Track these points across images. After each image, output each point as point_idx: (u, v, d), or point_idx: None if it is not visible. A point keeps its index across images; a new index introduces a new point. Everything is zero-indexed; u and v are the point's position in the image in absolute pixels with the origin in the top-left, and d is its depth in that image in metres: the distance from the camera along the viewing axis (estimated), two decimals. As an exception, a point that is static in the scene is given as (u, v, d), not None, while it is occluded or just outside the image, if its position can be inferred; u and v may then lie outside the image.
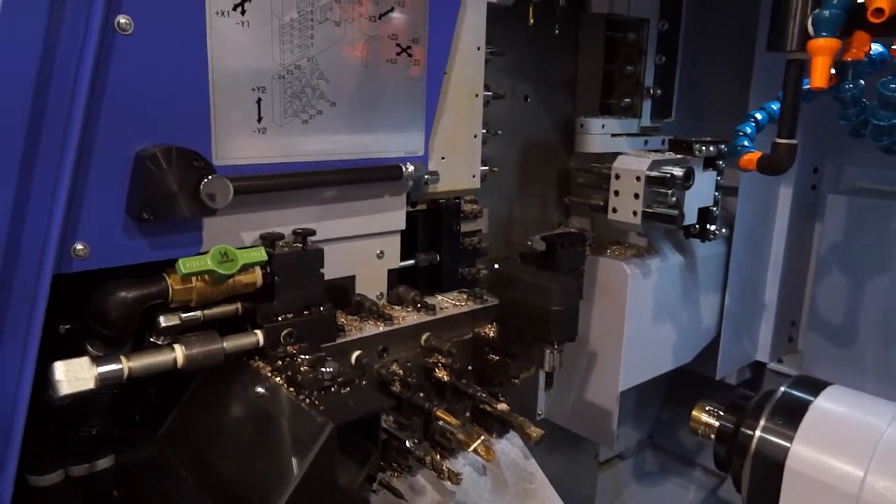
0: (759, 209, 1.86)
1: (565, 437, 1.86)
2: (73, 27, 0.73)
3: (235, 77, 0.85)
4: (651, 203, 1.45)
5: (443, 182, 1.20)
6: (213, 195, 0.80)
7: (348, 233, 1.04)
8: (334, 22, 0.92)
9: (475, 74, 1.25)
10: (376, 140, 1.01)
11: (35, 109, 0.73)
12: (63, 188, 0.74)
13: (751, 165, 1.17)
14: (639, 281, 1.57)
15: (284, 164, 0.92)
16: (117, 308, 0.80)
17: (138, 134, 0.79)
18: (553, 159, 1.70)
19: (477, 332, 1.13)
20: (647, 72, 1.60)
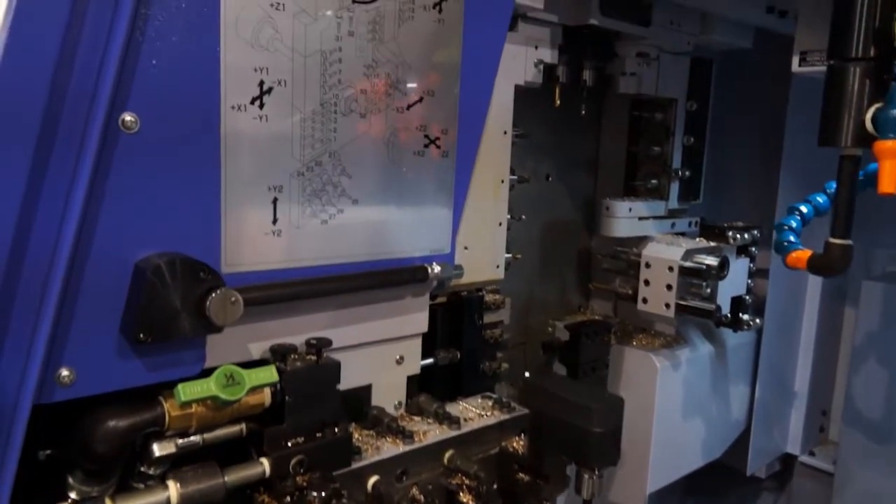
0: (790, 293, 1.77)
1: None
2: (72, 126, 0.65)
3: (251, 176, 0.77)
4: (684, 294, 1.36)
5: (465, 274, 1.11)
6: (221, 312, 0.71)
7: (366, 339, 0.94)
8: (359, 114, 0.85)
9: (501, 159, 1.18)
10: (400, 238, 0.93)
11: (24, 215, 0.64)
12: (50, 304, 0.65)
13: (800, 264, 1.08)
14: (668, 374, 1.47)
15: (301, 269, 0.83)
16: (105, 440, 0.70)
17: (140, 241, 0.70)
18: (574, 240, 1.62)
19: (504, 446, 1.02)
20: (674, 153, 1.53)
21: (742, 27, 1.51)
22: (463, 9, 0.93)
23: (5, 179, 0.62)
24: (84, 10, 0.64)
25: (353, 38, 0.83)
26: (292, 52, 0.78)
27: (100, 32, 0.65)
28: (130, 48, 0.66)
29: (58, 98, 0.64)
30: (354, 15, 0.82)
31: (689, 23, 1.42)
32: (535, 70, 1.22)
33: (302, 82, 0.79)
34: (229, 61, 0.73)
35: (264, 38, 0.75)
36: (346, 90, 0.83)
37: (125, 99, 0.67)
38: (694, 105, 1.54)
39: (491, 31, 0.98)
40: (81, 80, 0.64)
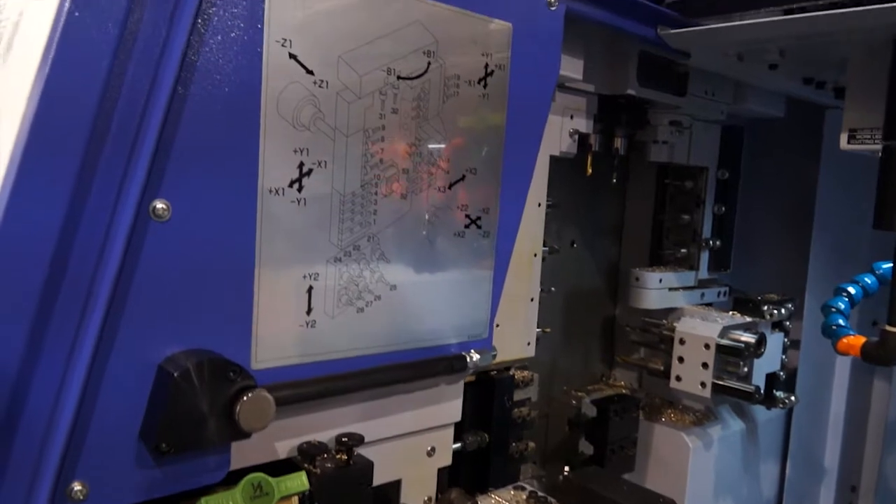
0: (820, 365, 1.71)
1: None
2: (99, 210, 0.59)
3: (286, 264, 0.71)
4: (719, 373, 1.29)
5: (498, 354, 1.05)
6: (251, 418, 0.64)
7: (398, 431, 0.87)
8: (400, 195, 0.79)
9: (535, 232, 1.13)
10: (438, 325, 0.86)
11: (43, 303, 0.58)
12: (67, 410, 0.58)
13: (852, 351, 1.02)
14: (700, 454, 1.40)
15: (335, 362, 0.76)
16: (118, 561, 0.62)
17: (166, 337, 0.64)
18: (598, 308, 1.56)
19: (541, 546, 0.94)
20: (705, 222, 1.48)
21: (775, 96, 1.48)
22: (508, 83, 0.88)
23: (39, 253, 0.56)
24: (120, 84, 0.59)
25: (397, 115, 0.78)
26: (334, 131, 0.73)
27: (134, 112, 0.60)
28: (165, 131, 0.61)
29: (86, 180, 0.58)
30: (399, 91, 0.78)
31: (723, 92, 1.39)
32: (570, 140, 1.18)
33: (343, 163, 0.74)
34: (269, 143, 0.68)
35: (306, 117, 0.71)
36: (387, 170, 0.78)
37: (157, 185, 0.61)
38: (725, 173, 1.50)
39: (535, 104, 0.93)
40: (111, 162, 0.59)
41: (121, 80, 0.59)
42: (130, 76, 0.60)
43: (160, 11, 0.60)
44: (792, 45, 1.08)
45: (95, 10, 0.57)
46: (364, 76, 0.75)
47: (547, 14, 0.92)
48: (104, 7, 0.57)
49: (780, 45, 1.08)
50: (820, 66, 1.22)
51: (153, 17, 0.60)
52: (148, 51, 0.60)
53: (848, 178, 1.61)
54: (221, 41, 0.64)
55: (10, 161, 0.56)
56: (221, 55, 0.64)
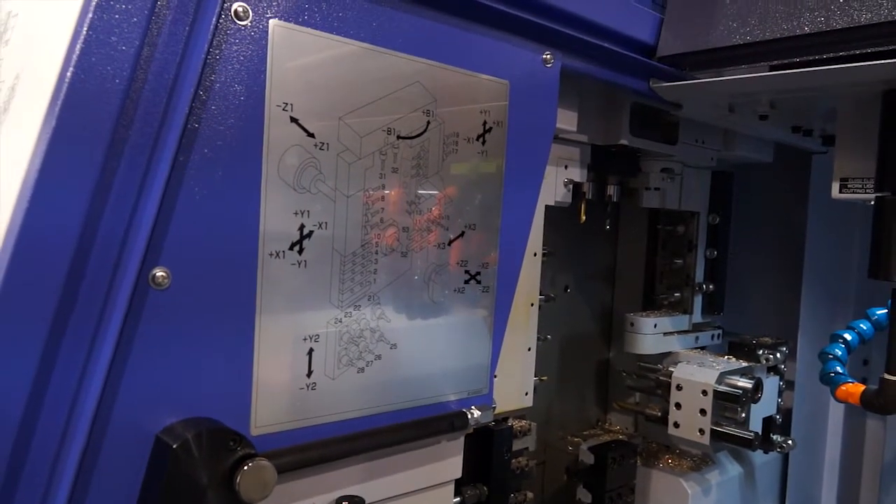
0: (814, 407, 1.71)
1: None
2: (98, 281, 0.58)
3: (286, 327, 0.70)
4: (718, 419, 1.29)
5: (496, 405, 1.04)
6: (251, 488, 0.63)
7: (399, 491, 0.85)
8: (401, 253, 0.79)
9: (532, 282, 1.13)
10: (439, 382, 0.86)
11: (39, 378, 0.57)
12: (64, 484, 0.57)
13: (851, 399, 1.03)
14: (699, 499, 1.38)
15: (336, 424, 0.75)
16: None
17: (164, 408, 0.63)
18: (592, 353, 1.56)
19: None
20: (697, 266, 1.49)
21: (764, 142, 1.51)
22: (506, 139, 0.89)
23: (27, 335, 0.55)
24: (120, 154, 0.59)
25: (397, 174, 0.78)
26: (335, 192, 0.73)
27: (134, 179, 0.59)
28: (166, 198, 0.61)
29: (84, 252, 0.58)
30: (399, 150, 0.78)
31: (712, 139, 1.41)
32: (565, 190, 1.19)
33: (343, 224, 0.74)
34: (270, 206, 0.68)
35: (307, 179, 0.71)
36: (388, 229, 0.78)
37: (157, 253, 0.61)
38: (716, 218, 1.51)
39: (533, 158, 0.94)
40: (110, 230, 0.59)
41: (122, 147, 0.59)
42: (132, 143, 0.59)
43: (162, 80, 0.60)
44: (781, 97, 1.11)
45: (99, 77, 0.57)
46: (364, 137, 0.75)
47: (543, 71, 0.93)
48: (107, 75, 0.57)
49: (770, 97, 1.10)
50: (809, 116, 1.24)
51: (154, 86, 0.60)
52: (150, 117, 0.60)
53: (836, 220, 1.64)
54: (224, 108, 0.64)
55: (10, 232, 0.56)
56: (223, 121, 0.64)
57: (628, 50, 1.03)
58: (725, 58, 1.07)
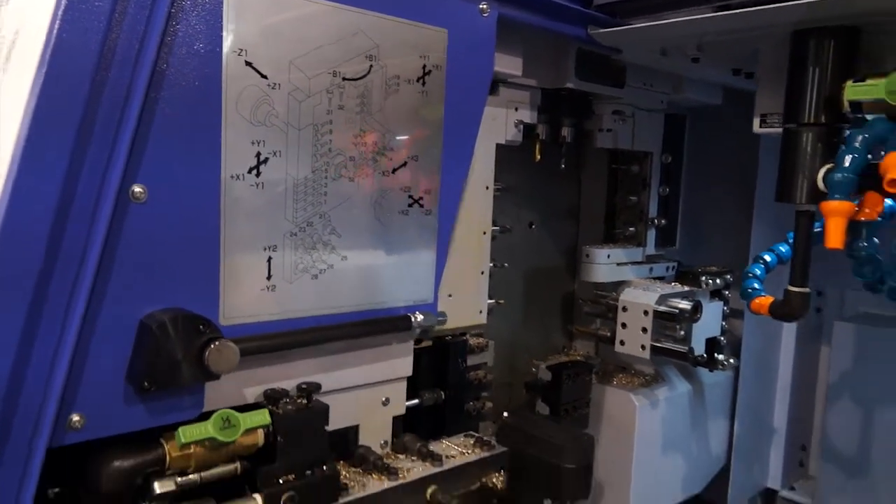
0: (765, 333, 1.84)
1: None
2: (87, 194, 0.73)
3: (248, 237, 0.85)
4: (659, 337, 1.43)
5: (449, 320, 1.18)
6: (218, 362, 0.78)
7: (354, 382, 1.01)
8: (348, 178, 0.93)
9: (483, 213, 1.26)
10: (386, 290, 1.00)
11: (43, 274, 0.72)
12: (63, 359, 0.72)
13: (762, 310, 1.16)
14: (647, 412, 1.53)
15: (293, 321, 0.90)
16: (111, 479, 0.77)
17: (145, 299, 0.78)
18: (558, 285, 1.70)
19: (484, 482, 1.08)
20: (651, 202, 1.62)
21: (712, 86, 1.61)
22: (444, 81, 1.02)
23: (39, 232, 0.70)
24: (100, 93, 0.72)
25: (343, 111, 0.92)
26: (287, 126, 0.87)
27: (114, 113, 0.73)
28: (141, 126, 0.75)
29: (74, 171, 0.72)
30: (344, 90, 0.91)
31: (661, 83, 1.52)
32: (515, 130, 1.31)
33: (295, 152, 0.88)
34: (230, 136, 0.82)
35: (261, 114, 0.84)
36: (336, 157, 0.92)
37: (136, 171, 0.75)
38: (669, 157, 1.63)
39: (471, 99, 1.07)
40: (96, 154, 0.73)
41: (102, 87, 0.72)
42: (111, 84, 0.73)
43: (133, 31, 0.74)
44: (707, 41, 1.21)
45: (81, 29, 0.71)
46: (312, 78, 0.88)
47: (480, 20, 1.05)
48: (88, 27, 0.71)
49: (696, 41, 1.21)
50: (739, 58, 1.34)
51: (128, 35, 0.73)
52: (124, 63, 0.73)
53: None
54: (186, 53, 0.77)
55: (13, 155, 0.70)
56: (187, 65, 0.77)
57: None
58: (656, 5, 1.18)
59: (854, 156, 0.96)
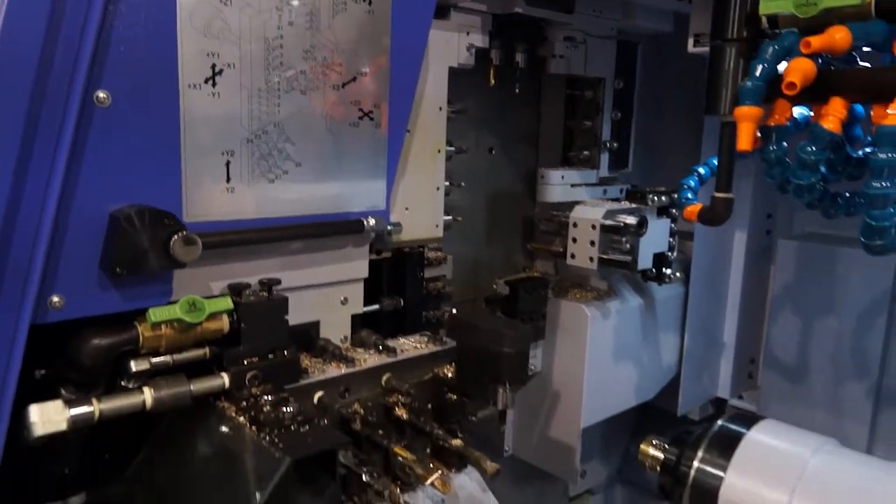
0: (715, 253, 1.95)
1: (536, 473, 1.91)
2: (55, 101, 0.81)
3: (206, 142, 0.94)
4: (606, 249, 1.54)
5: (406, 232, 1.29)
6: (182, 251, 0.87)
7: (313, 281, 1.11)
8: (300, 91, 1.01)
9: (437, 132, 1.34)
10: (340, 196, 1.10)
11: (17, 178, 0.80)
12: (41, 246, 0.81)
13: (693, 217, 1.26)
14: (599, 322, 1.65)
15: (252, 221, 1.00)
16: (90, 356, 0.87)
17: (114, 196, 0.87)
18: (518, 208, 1.79)
19: (436, 372, 1.20)
20: (603, 126, 1.70)
21: (662, 13, 1.68)
22: (391, 2, 1.09)
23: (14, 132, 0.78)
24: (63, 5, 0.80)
25: (293, 27, 0.99)
26: (239, 39, 0.94)
27: (77, 22, 0.80)
28: (102, 36, 0.82)
29: (42, 78, 0.80)
30: (293, 8, 0.99)
31: (611, 9, 1.59)
32: (467, 53, 1.38)
33: (248, 65, 0.95)
34: (185, 48, 0.90)
35: (215, 28, 0.92)
36: (287, 71, 1.00)
37: (99, 78, 0.83)
38: (621, 83, 1.71)
39: (417, 20, 1.14)
40: (62, 61, 0.80)
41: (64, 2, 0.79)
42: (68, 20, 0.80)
43: (91, -53, 0.81)
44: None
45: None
46: (262, -5, 0.95)
47: (424, -59, 1.11)
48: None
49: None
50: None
51: (87, -48, 0.80)
52: (84, -22, 0.81)
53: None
54: (141, -31, 0.85)
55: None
56: (142, -19, 0.85)
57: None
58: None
59: (764, 65, 1.05)
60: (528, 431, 1.77)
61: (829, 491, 0.95)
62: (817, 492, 0.96)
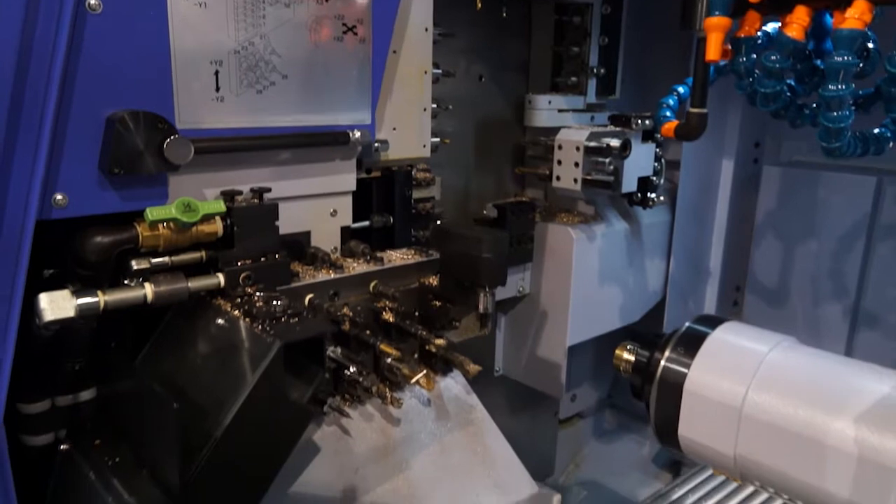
0: (702, 182, 2.00)
1: (528, 398, 2.00)
2: (49, 9, 0.85)
3: (195, 52, 0.98)
4: (591, 171, 1.58)
5: (394, 151, 1.33)
6: (174, 153, 0.93)
7: (303, 192, 1.17)
8: (284, 3, 1.05)
9: (423, 53, 1.38)
10: (326, 110, 1.14)
11: (17, 83, 0.85)
12: (43, 147, 0.87)
13: (670, 133, 1.30)
14: (584, 244, 1.70)
15: (241, 129, 1.05)
16: (94, 251, 0.93)
17: (109, 101, 0.92)
18: (508, 135, 1.83)
19: (422, 282, 1.26)
20: (591, 52, 1.73)
21: (649, -64, 1.68)
22: (371, -85, 1.12)
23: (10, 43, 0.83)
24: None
25: (276, -61, 1.02)
26: (224, -50, 0.98)
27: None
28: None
29: (39, -14, 0.84)
30: (275, -80, 1.02)
31: (596, -68, 1.60)
32: (451, -26, 1.41)
33: (234, -24, 0.99)
34: (172, -42, 0.93)
35: (200, -61, 0.95)
36: (271, -17, 1.03)
37: (90, -13, 0.87)
38: (608, 8, 1.72)
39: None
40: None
41: None
42: None
43: None
44: None
45: None
46: None
47: None
48: None
49: None
50: None
51: None
52: None
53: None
54: None
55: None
56: None
57: None
58: None
59: (733, -25, 1.08)
60: (517, 352, 1.85)
61: (784, 381, 1.02)
62: (773, 382, 1.02)
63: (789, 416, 0.98)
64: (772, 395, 1.01)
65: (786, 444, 0.98)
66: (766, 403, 1.00)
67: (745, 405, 1.02)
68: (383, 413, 1.16)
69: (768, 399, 1.00)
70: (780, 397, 1.00)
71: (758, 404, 1.01)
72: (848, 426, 0.92)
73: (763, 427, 1.00)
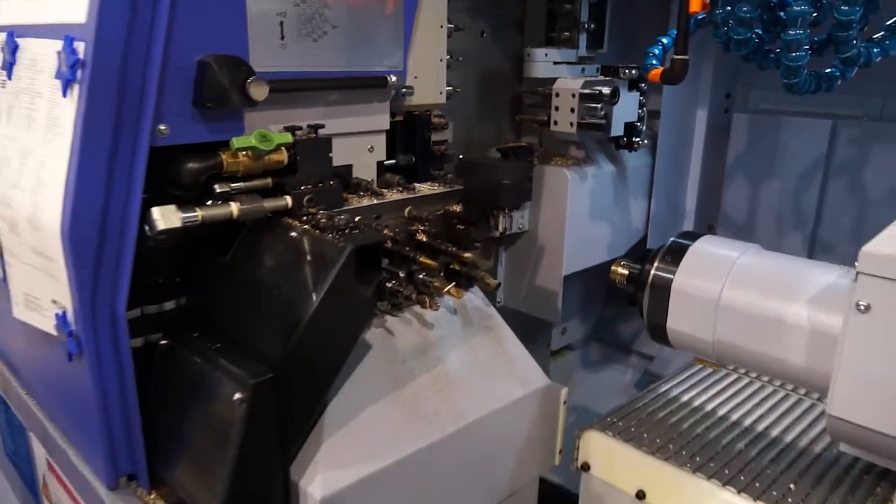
0: (679, 129, 2.22)
1: (524, 330, 2.21)
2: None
3: (264, 7, 1.15)
4: (584, 116, 1.79)
5: (416, 97, 1.52)
6: (255, 91, 1.11)
7: (347, 129, 1.36)
8: (336, -36, 1.23)
9: (440, 9, 1.56)
10: (368, 56, 1.33)
11: (129, 31, 1.02)
12: (152, 85, 1.04)
13: (656, 78, 1.51)
14: (577, 184, 1.92)
15: (300, 73, 1.23)
16: (189, 175, 1.11)
17: (199, 48, 1.09)
18: (507, 87, 2.02)
19: (447, 209, 1.47)
20: (582, 9, 1.92)
21: None
22: None
23: None
24: None
25: None
26: (288, -82, 1.15)
27: None
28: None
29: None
30: None
31: None
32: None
33: (295, -60, 1.16)
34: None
35: None
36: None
37: (181, -52, 1.04)
38: (598, -34, 1.91)
39: None
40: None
41: None
42: None
43: None
44: None
45: None
46: None
47: None
48: None
49: None
50: None
51: None
52: None
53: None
54: None
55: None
56: None
57: None
58: None
59: (712, -69, 1.28)
60: (517, 284, 2.07)
61: (752, 277, 1.25)
62: (743, 279, 1.26)
63: (756, 304, 1.21)
64: (742, 289, 1.24)
65: (754, 327, 1.21)
66: (738, 296, 1.23)
67: (722, 299, 1.25)
68: (419, 319, 1.37)
69: (740, 293, 1.24)
70: (748, 290, 1.23)
71: (731, 297, 1.24)
72: (802, 308, 1.16)
73: (736, 315, 1.23)
